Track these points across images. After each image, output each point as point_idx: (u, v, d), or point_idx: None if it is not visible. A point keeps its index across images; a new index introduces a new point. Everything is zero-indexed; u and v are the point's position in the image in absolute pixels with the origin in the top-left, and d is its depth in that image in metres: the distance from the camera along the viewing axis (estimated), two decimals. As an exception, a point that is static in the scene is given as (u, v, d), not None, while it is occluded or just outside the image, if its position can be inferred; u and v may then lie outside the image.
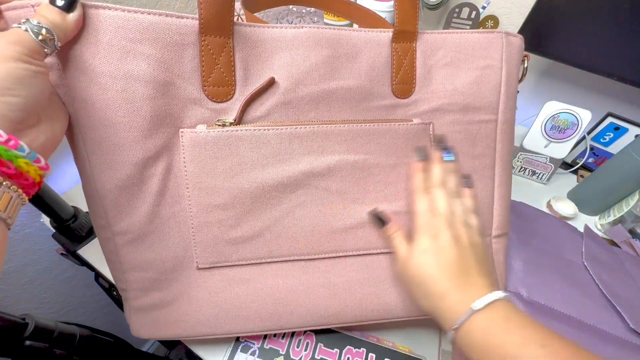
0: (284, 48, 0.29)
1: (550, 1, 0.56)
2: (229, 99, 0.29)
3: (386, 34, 0.32)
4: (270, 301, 0.34)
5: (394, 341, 0.41)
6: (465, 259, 0.29)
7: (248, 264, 0.33)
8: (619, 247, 0.53)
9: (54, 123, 0.24)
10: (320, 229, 0.33)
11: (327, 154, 0.32)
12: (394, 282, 0.36)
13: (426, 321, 0.43)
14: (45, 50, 0.21)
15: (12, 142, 0.19)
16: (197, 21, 0.26)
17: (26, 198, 0.22)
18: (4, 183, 0.20)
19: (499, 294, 0.27)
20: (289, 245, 0.33)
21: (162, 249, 0.31)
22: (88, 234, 0.49)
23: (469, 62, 0.34)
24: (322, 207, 0.33)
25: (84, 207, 0.51)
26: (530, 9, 0.58)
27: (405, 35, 0.32)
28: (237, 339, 0.39)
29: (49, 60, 0.24)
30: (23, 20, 0.21)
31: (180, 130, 0.28)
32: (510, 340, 0.24)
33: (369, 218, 0.34)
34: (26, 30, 0.20)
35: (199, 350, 0.39)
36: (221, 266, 0.33)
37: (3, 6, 0.23)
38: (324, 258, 0.35)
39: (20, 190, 0.21)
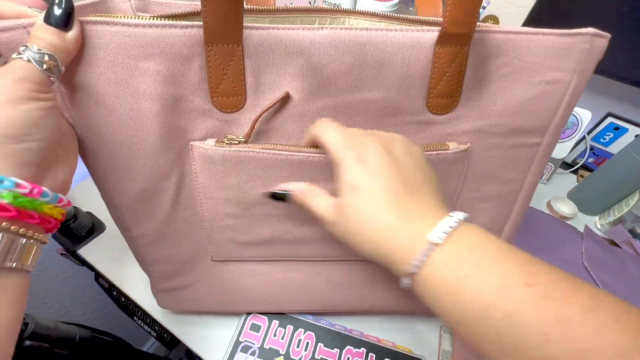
0: (299, 54, 0.25)
1: (551, 1, 0.56)
2: (240, 109, 0.27)
3: (429, 35, 0.25)
4: (279, 291, 0.38)
5: (394, 341, 0.41)
6: (407, 176, 0.23)
7: (259, 260, 0.36)
8: (620, 247, 0.53)
9: (70, 155, 0.24)
10: (327, 239, 0.34)
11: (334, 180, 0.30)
12: (394, 279, 0.37)
13: (426, 321, 0.43)
14: (52, 79, 0.20)
15: (35, 191, 0.19)
16: (202, 29, 0.24)
17: (47, 238, 0.21)
18: (28, 234, 0.19)
19: (459, 214, 0.21)
20: (298, 249, 0.35)
21: (180, 246, 0.33)
22: (88, 234, 0.49)
23: (533, 74, 0.27)
24: None
25: (84, 207, 0.51)
26: (530, 9, 0.58)
27: (455, 37, 0.25)
28: (237, 338, 0.39)
29: (55, 84, 0.23)
30: (22, 48, 0.19)
31: (190, 143, 0.28)
32: (486, 283, 0.18)
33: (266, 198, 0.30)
34: (29, 60, 0.19)
35: (199, 350, 0.39)
36: (234, 260, 0.36)
37: None
38: (330, 261, 0.36)
39: (41, 235, 0.21)
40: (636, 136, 0.60)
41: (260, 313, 0.42)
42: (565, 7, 0.55)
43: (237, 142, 0.27)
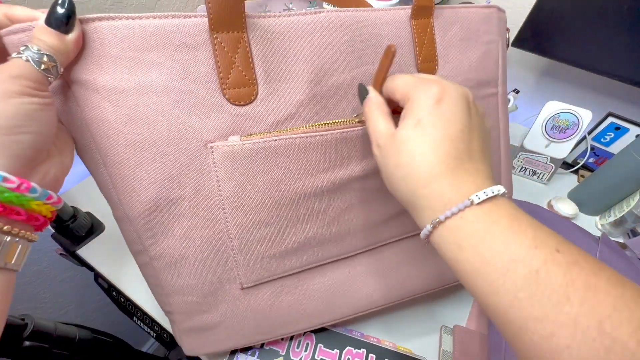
0: (303, 37, 0.27)
1: (551, 1, 0.56)
2: (253, 101, 0.27)
3: (404, 12, 0.31)
4: (317, 299, 0.35)
5: (394, 341, 0.41)
6: (471, 135, 0.23)
7: (294, 274, 0.33)
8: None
9: (63, 154, 0.23)
10: (364, 227, 0.34)
11: (369, 156, 0.31)
12: (427, 257, 0.38)
13: (426, 321, 0.43)
14: (49, 78, 0.20)
15: (24, 186, 0.18)
16: (206, 18, 0.24)
17: (36, 236, 0.21)
18: (13, 231, 0.19)
19: (501, 188, 0.21)
20: (334, 248, 0.33)
21: (203, 272, 0.30)
22: (87, 235, 0.49)
23: (477, 37, 0.34)
24: (364, 207, 0.33)
25: (83, 207, 0.51)
26: (530, 9, 0.58)
27: (423, 10, 0.31)
28: (237, 339, 0.39)
29: (55, 83, 0.23)
30: (22, 48, 0.19)
31: (210, 145, 0.26)
32: (517, 240, 0.19)
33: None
34: (27, 60, 0.19)
35: (198, 351, 0.39)
36: (266, 281, 0.32)
37: (2, 31, 0.21)
38: (365, 251, 0.36)
39: (29, 233, 0.20)
40: (637, 136, 0.60)
41: (310, 331, 0.39)
42: (565, 7, 0.55)
43: (258, 134, 0.27)
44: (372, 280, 0.36)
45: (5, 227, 0.19)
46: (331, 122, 0.29)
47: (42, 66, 0.19)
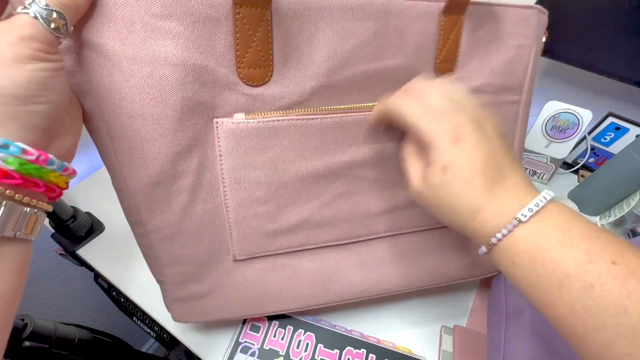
0: (328, 20, 0.25)
1: (551, 1, 0.56)
2: (266, 82, 0.26)
3: (437, 5, 0.29)
4: (306, 281, 0.35)
5: (394, 341, 0.41)
6: (498, 157, 0.23)
7: (286, 253, 0.33)
8: None
9: (75, 122, 0.23)
10: (357, 216, 0.34)
11: (370, 142, 0.31)
12: (421, 255, 0.38)
13: (426, 321, 0.43)
14: (59, 38, 0.18)
15: (42, 158, 0.18)
16: None
17: (50, 207, 0.21)
18: (32, 203, 0.19)
19: (548, 193, 0.21)
20: (327, 233, 0.33)
21: (198, 244, 0.30)
22: (87, 234, 0.49)
23: (508, 39, 0.32)
24: (361, 196, 0.33)
25: (83, 207, 0.51)
26: (530, 9, 0.58)
27: (457, 6, 0.29)
28: (237, 339, 0.39)
29: (64, 42, 0.21)
30: (28, 2, 0.17)
31: (215, 120, 0.25)
32: (569, 256, 0.19)
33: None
34: (35, 17, 0.17)
35: (198, 351, 0.39)
36: (258, 256, 0.33)
37: None
38: (358, 242, 0.36)
39: (45, 204, 0.20)
40: (637, 136, 0.60)
41: (293, 313, 0.40)
42: (566, 7, 0.55)
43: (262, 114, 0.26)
44: (362, 271, 0.36)
45: (25, 199, 0.18)
46: (334, 107, 0.29)
47: (52, 24, 0.18)
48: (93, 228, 0.50)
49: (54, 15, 0.18)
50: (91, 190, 0.55)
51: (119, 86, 0.22)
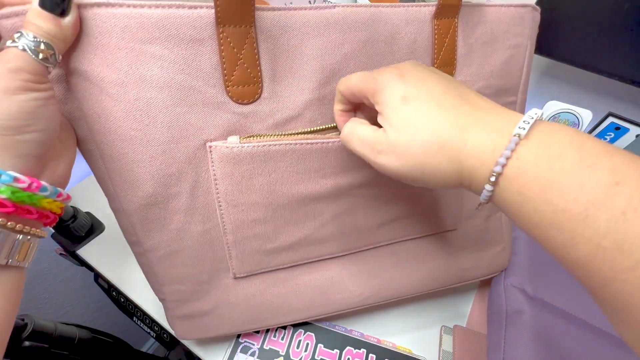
0: (315, 34, 0.25)
1: (551, 1, 0.56)
2: (256, 100, 0.26)
3: (427, 9, 0.28)
4: (308, 294, 0.35)
5: (394, 342, 0.41)
6: (454, 84, 0.21)
7: (284, 268, 0.34)
8: None
9: (68, 148, 0.23)
10: (357, 230, 0.34)
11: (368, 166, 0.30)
12: (422, 260, 0.38)
13: (426, 322, 0.43)
14: (48, 68, 0.19)
15: (34, 185, 0.18)
16: (213, 10, 0.22)
17: (45, 233, 0.21)
18: (24, 230, 0.19)
19: (537, 110, 0.18)
20: (326, 247, 0.34)
21: (197, 263, 0.30)
22: (87, 235, 0.49)
23: (503, 40, 0.31)
24: (360, 212, 0.33)
25: (83, 207, 0.51)
26: (530, 9, 0.58)
27: (448, 9, 0.28)
28: (237, 339, 0.39)
29: (54, 72, 0.22)
30: (16, 35, 0.18)
31: (209, 144, 0.25)
32: (592, 178, 0.15)
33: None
34: (24, 49, 0.18)
35: (198, 351, 0.39)
36: (258, 273, 0.33)
37: None
38: (357, 252, 0.36)
39: (39, 230, 0.20)
40: (637, 136, 0.60)
41: (295, 324, 0.40)
42: (565, 7, 0.55)
43: (257, 137, 0.26)
44: (363, 279, 0.37)
45: (18, 226, 0.19)
46: (332, 125, 0.28)
47: (40, 55, 0.18)
48: (93, 228, 0.50)
49: (42, 46, 0.18)
50: (91, 190, 0.55)
51: (107, 111, 0.23)
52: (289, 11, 0.24)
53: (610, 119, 0.62)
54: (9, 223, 0.18)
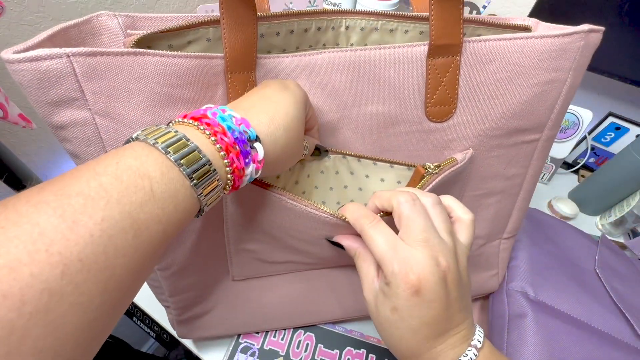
0: (303, 75, 0.27)
1: (551, 1, 0.56)
2: None
3: (420, 49, 0.27)
4: (300, 302, 0.37)
5: (395, 342, 0.41)
6: (451, 309, 0.23)
7: (281, 274, 0.36)
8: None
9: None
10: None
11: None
12: None
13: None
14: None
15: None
16: (223, 60, 0.25)
17: (226, 192, 0.20)
18: (226, 187, 0.19)
19: (479, 342, 0.23)
20: (320, 261, 0.35)
21: (203, 272, 0.33)
22: (87, 234, 0.49)
23: (529, 76, 0.28)
24: None
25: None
26: (530, 8, 0.58)
27: (445, 49, 0.26)
28: (237, 339, 0.39)
29: (82, 114, 0.22)
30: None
31: None
32: None
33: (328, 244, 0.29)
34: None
35: (198, 352, 0.39)
36: (255, 277, 0.36)
37: (20, 55, 0.18)
38: (347, 266, 0.37)
39: (231, 181, 0.20)
40: (637, 136, 0.60)
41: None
42: (566, 6, 0.55)
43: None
44: (351, 289, 0.38)
45: (228, 168, 0.19)
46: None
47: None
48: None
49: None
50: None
51: None
52: (282, 58, 0.27)
53: (611, 119, 0.62)
54: (229, 175, 0.19)
